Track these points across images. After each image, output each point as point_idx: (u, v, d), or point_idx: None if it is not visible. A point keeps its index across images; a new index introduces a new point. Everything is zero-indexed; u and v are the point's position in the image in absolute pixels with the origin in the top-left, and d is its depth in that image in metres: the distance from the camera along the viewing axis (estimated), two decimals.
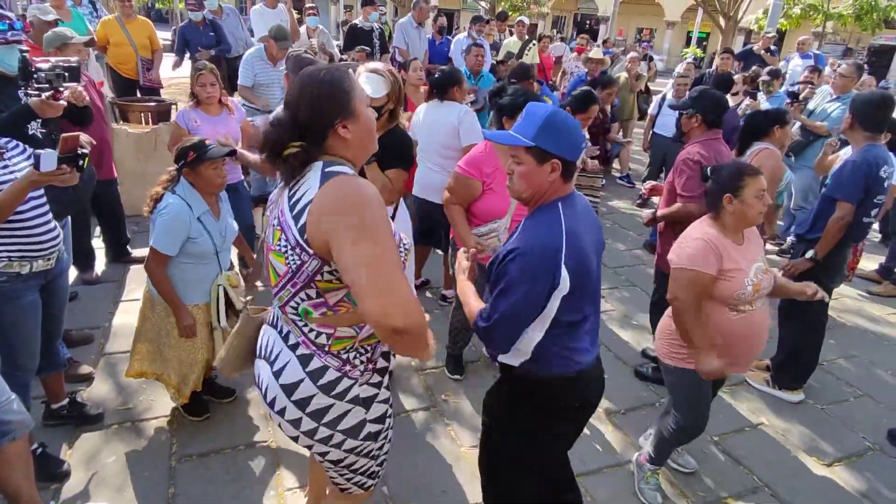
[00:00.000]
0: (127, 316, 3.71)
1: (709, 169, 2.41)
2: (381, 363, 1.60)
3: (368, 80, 2.55)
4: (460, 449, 2.81)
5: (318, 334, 1.49)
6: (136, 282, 4.14)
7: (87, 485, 2.42)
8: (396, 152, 2.63)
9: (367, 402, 1.57)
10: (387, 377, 1.66)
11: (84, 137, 2.16)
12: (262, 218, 4.05)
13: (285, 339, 1.55)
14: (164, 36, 7.32)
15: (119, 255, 4.40)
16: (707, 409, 2.47)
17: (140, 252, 4.48)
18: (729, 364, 2.27)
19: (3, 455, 1.87)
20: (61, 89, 2.70)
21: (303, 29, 6.89)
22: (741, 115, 5.79)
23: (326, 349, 1.50)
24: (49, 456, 2.43)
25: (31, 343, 2.31)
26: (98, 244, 4.38)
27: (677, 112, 3.27)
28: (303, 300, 1.47)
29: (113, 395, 2.97)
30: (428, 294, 4.31)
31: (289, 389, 1.51)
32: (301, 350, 1.51)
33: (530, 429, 1.90)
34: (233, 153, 2.62)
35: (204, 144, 2.45)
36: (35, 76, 2.65)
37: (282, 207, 1.44)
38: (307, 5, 7.35)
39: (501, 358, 1.86)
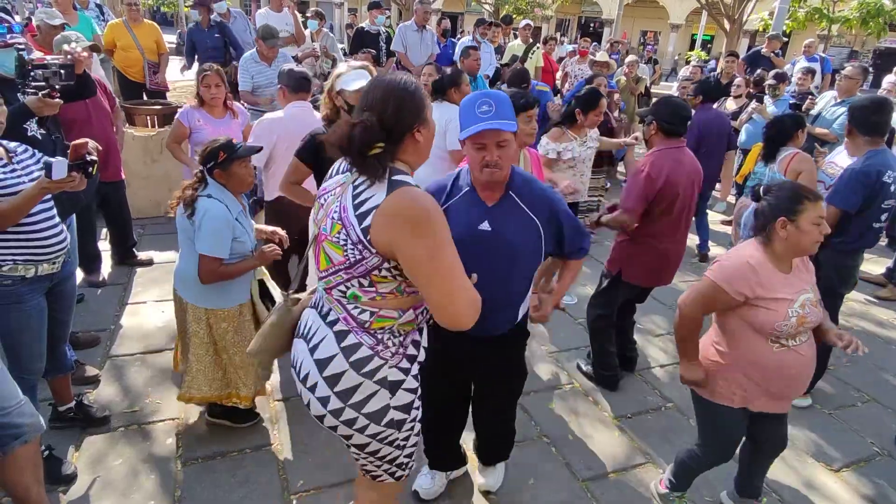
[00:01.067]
0: (133, 318, 3.73)
1: (762, 188, 2.20)
2: (410, 350, 1.65)
3: (358, 76, 2.66)
4: (468, 454, 2.80)
5: (363, 311, 1.56)
6: (143, 284, 4.15)
7: (92, 488, 2.43)
8: None
9: (393, 387, 1.61)
10: (415, 367, 1.68)
11: (92, 143, 2.18)
12: None
13: (324, 316, 1.62)
14: (169, 39, 7.38)
15: (125, 258, 4.42)
16: (733, 447, 2.36)
17: (146, 254, 4.51)
18: (769, 398, 2.18)
19: (15, 458, 1.87)
20: (57, 87, 2.72)
21: (307, 32, 6.90)
22: (746, 119, 5.78)
23: (366, 326, 1.57)
24: (56, 458, 2.44)
25: (38, 346, 2.32)
26: (104, 246, 4.40)
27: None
28: (353, 286, 1.54)
29: (119, 398, 2.98)
30: None
31: (322, 364, 1.58)
32: (339, 326, 1.58)
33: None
34: (260, 149, 2.63)
35: (232, 143, 2.43)
36: (32, 75, 2.66)
37: (344, 205, 1.51)
38: (311, 10, 7.39)
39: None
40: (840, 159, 3.31)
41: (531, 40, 8.03)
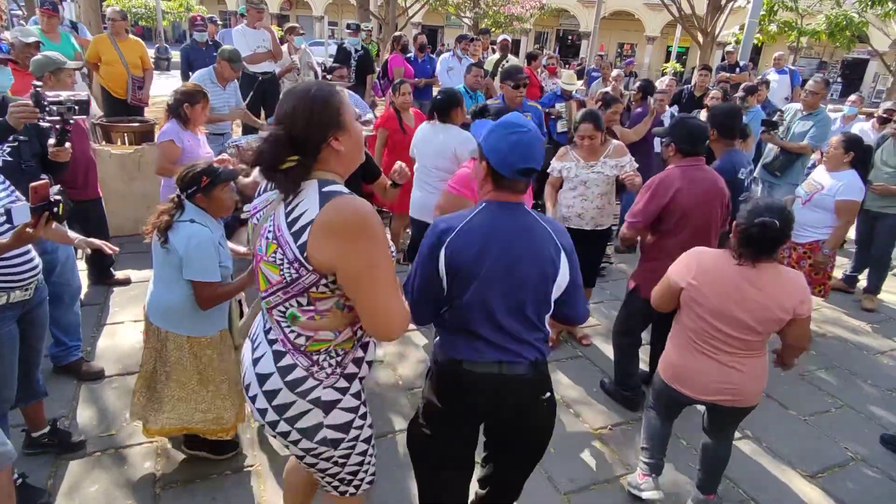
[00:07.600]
0: (110, 339, 3.67)
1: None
2: (350, 368, 1.63)
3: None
4: None
5: (298, 335, 1.57)
6: (120, 304, 4.10)
7: None
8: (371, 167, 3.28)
9: (327, 406, 1.60)
10: (356, 384, 1.66)
11: (56, 188, 2.13)
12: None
13: (267, 331, 1.65)
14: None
15: (103, 277, 4.35)
16: None
17: (123, 273, 4.45)
18: None
19: None
20: (71, 121, 2.75)
21: (285, 47, 6.93)
22: None
23: (302, 349, 1.57)
24: (31, 486, 2.39)
25: (9, 374, 2.27)
26: (81, 266, 4.32)
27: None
28: (292, 306, 1.54)
29: (96, 421, 2.93)
30: None
31: (261, 379, 1.61)
32: (277, 346, 1.61)
33: (427, 413, 1.96)
34: (242, 173, 2.62)
35: (214, 168, 2.40)
36: (47, 109, 2.65)
37: (278, 223, 1.49)
38: (289, 25, 7.42)
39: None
40: (818, 175, 3.38)
41: (499, 54, 8.11)
